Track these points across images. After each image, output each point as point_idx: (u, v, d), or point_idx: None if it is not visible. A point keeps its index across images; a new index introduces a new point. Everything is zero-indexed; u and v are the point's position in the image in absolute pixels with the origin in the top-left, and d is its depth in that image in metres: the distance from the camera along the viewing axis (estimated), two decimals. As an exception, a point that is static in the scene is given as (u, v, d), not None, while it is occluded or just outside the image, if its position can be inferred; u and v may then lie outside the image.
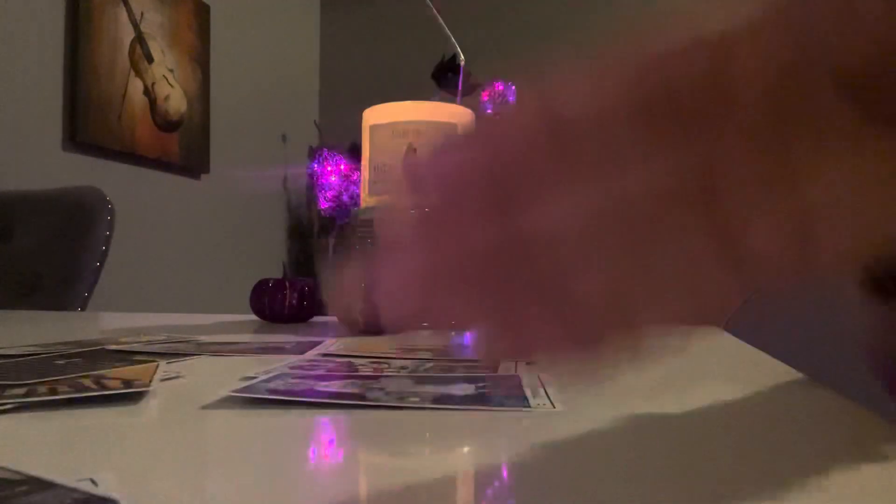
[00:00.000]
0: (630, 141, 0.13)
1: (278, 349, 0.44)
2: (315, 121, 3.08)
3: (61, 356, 0.38)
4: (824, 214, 0.15)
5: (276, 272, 0.72)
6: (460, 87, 0.85)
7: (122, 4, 2.14)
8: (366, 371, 0.34)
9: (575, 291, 0.13)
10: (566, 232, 0.13)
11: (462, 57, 0.86)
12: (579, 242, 0.13)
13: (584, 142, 0.13)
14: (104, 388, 0.28)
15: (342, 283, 0.13)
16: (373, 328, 0.57)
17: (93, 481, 0.16)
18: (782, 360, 0.40)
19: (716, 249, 0.14)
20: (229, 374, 0.34)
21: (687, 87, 0.13)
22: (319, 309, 0.71)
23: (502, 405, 0.26)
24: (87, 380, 0.30)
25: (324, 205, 0.95)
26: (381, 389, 0.29)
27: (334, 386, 0.30)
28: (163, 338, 0.49)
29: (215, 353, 0.41)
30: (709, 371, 0.39)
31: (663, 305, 0.14)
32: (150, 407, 0.27)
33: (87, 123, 2.00)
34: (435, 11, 0.79)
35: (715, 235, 0.14)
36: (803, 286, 0.15)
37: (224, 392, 0.27)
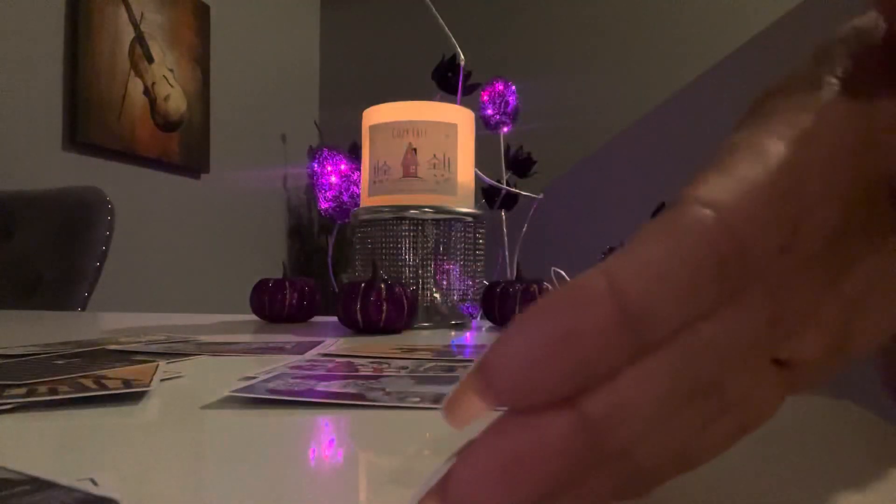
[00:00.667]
0: (705, 306, 0.13)
1: (278, 349, 0.44)
2: (315, 121, 3.08)
3: (61, 356, 0.38)
4: (859, 307, 0.15)
5: (276, 272, 0.71)
6: (460, 87, 0.85)
7: (122, 4, 2.14)
8: (366, 371, 0.34)
9: (645, 462, 0.13)
10: (638, 407, 0.13)
11: (462, 57, 0.86)
12: (651, 412, 0.13)
13: (659, 319, 0.12)
14: (104, 388, 0.28)
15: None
16: (373, 328, 0.57)
17: (93, 481, 0.16)
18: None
19: (770, 369, 0.15)
20: (229, 374, 0.34)
21: (760, 242, 0.13)
22: (319, 309, 0.71)
23: (502, 405, 0.26)
24: (87, 380, 0.30)
25: (324, 205, 0.95)
26: (381, 389, 0.29)
27: (334, 386, 0.30)
28: (163, 338, 0.49)
29: (215, 353, 0.41)
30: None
31: (719, 442, 0.15)
32: (150, 407, 0.27)
33: (87, 123, 2.00)
34: (434, 11, 0.79)
35: (771, 356, 0.15)
36: None
37: (224, 392, 0.27)
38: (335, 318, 0.61)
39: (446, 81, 1.02)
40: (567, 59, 2.73)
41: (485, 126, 1.14)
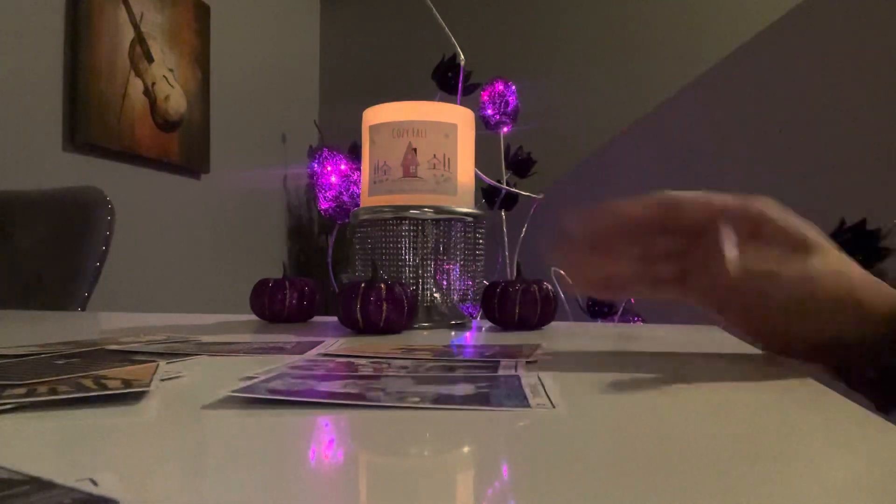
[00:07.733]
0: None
1: (278, 349, 0.44)
2: (315, 121, 3.08)
3: (61, 356, 0.38)
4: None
5: (276, 272, 0.71)
6: (460, 87, 0.85)
7: (122, 4, 2.14)
8: (366, 371, 0.34)
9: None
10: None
11: (462, 57, 0.86)
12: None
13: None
14: (104, 388, 0.28)
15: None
16: (373, 328, 0.57)
17: (93, 481, 0.16)
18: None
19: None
20: (229, 374, 0.34)
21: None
22: (319, 309, 0.71)
23: (502, 405, 0.26)
24: (87, 380, 0.30)
25: (324, 205, 0.95)
26: (381, 389, 0.29)
27: (334, 386, 0.30)
28: (163, 338, 0.49)
29: (215, 353, 0.41)
30: (707, 370, 0.39)
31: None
32: (150, 407, 0.27)
33: (87, 123, 2.00)
34: (434, 11, 0.79)
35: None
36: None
37: (224, 392, 0.27)
38: (335, 318, 0.61)
39: (446, 81, 1.02)
40: (567, 59, 2.73)
41: (485, 126, 1.14)
